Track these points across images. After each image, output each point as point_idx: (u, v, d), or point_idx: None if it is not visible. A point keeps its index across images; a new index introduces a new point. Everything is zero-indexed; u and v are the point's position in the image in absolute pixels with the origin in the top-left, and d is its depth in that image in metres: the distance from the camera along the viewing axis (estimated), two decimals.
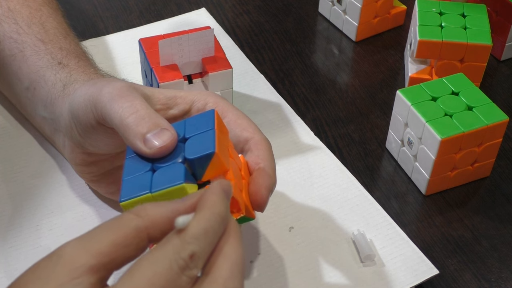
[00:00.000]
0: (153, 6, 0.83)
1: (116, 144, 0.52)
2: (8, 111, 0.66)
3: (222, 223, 0.38)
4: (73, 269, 0.36)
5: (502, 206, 0.63)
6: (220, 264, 0.38)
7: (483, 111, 0.61)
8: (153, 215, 0.38)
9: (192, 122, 0.47)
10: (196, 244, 0.37)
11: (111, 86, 0.49)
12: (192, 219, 0.37)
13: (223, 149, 0.45)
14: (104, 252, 0.36)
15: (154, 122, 0.46)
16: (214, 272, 0.37)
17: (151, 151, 0.45)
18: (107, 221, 0.38)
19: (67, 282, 0.35)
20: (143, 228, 0.38)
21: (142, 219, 0.38)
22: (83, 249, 0.36)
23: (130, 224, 0.38)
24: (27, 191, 0.60)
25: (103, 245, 0.37)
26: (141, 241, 0.38)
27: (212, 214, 0.38)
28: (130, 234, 0.37)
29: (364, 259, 0.56)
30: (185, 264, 0.36)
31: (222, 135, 0.46)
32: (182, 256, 0.36)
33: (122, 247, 0.37)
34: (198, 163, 0.44)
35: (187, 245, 0.36)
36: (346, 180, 0.63)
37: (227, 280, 0.37)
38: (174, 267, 0.36)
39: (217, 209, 0.38)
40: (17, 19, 0.62)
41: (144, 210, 0.38)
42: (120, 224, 0.38)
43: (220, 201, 0.39)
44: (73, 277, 0.36)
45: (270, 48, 0.79)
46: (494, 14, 0.76)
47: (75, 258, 0.36)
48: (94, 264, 0.36)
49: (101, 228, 0.38)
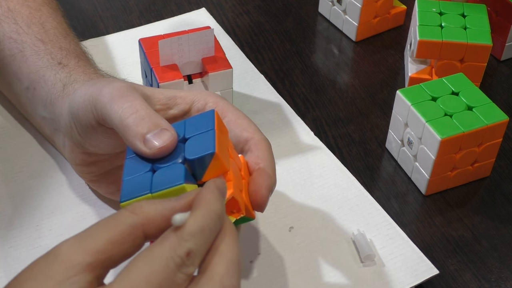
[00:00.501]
0: (153, 6, 0.83)
1: (116, 145, 0.52)
2: (8, 111, 0.66)
3: (218, 221, 0.38)
4: (70, 267, 0.36)
5: (502, 206, 0.63)
6: (217, 262, 0.38)
7: (483, 111, 0.61)
8: (148, 213, 0.38)
9: (192, 122, 0.47)
10: (193, 242, 0.37)
11: (111, 86, 0.49)
12: (189, 217, 0.37)
13: (223, 150, 0.45)
14: (100, 250, 0.37)
15: (154, 122, 0.46)
16: (211, 270, 0.37)
17: (151, 152, 0.45)
18: (103, 219, 0.38)
19: (64, 280, 0.35)
20: (139, 225, 0.38)
21: (138, 216, 0.38)
22: (80, 247, 0.36)
23: (125, 222, 0.38)
24: (27, 191, 0.60)
25: (99, 243, 0.37)
26: (137, 238, 0.38)
27: (208, 212, 0.38)
28: (126, 231, 0.37)
29: (364, 259, 0.56)
30: (182, 262, 0.36)
31: (222, 135, 0.46)
32: (179, 254, 0.36)
33: (118, 245, 0.37)
34: (198, 164, 0.44)
35: (184, 243, 0.36)
36: (346, 180, 0.63)
37: (224, 278, 0.37)
38: (170, 265, 0.36)
39: (213, 207, 0.38)
40: (17, 19, 0.62)
41: (139, 207, 0.38)
42: (116, 221, 0.38)
43: (216, 200, 0.39)
44: (70, 275, 0.36)
45: (270, 48, 0.79)
46: (494, 14, 0.76)
47: (72, 256, 0.36)
48: (91, 262, 0.36)
49: (97, 226, 0.38)
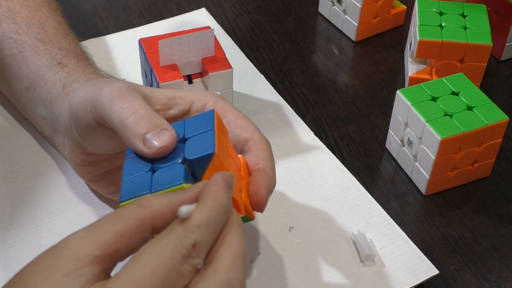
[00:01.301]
0: (153, 6, 0.83)
1: (115, 145, 0.52)
2: (8, 111, 0.66)
3: (224, 213, 0.39)
4: (78, 259, 0.36)
5: (502, 206, 0.63)
6: (223, 254, 0.38)
7: (483, 111, 0.61)
8: (156, 206, 0.38)
9: (191, 122, 0.47)
10: (199, 233, 0.37)
11: (111, 86, 0.49)
12: (195, 209, 0.37)
13: (223, 150, 0.45)
14: (108, 242, 0.37)
15: (153, 122, 0.46)
16: (217, 262, 0.37)
17: (150, 151, 0.45)
18: (110, 213, 0.39)
19: (72, 272, 0.36)
20: (147, 218, 0.38)
21: (146, 209, 0.38)
22: (88, 240, 0.37)
23: (133, 215, 0.38)
24: (27, 191, 0.60)
25: (107, 235, 0.37)
26: (145, 231, 0.38)
27: (214, 204, 0.38)
28: (134, 224, 0.38)
29: (364, 259, 0.56)
30: (188, 253, 0.36)
31: (221, 136, 0.46)
32: (185, 245, 0.36)
33: (126, 238, 0.37)
34: (198, 164, 0.44)
35: (190, 234, 0.37)
36: (346, 180, 0.63)
37: (229, 269, 0.37)
38: (176, 256, 0.36)
39: (219, 199, 0.38)
40: (16, 19, 0.62)
41: (147, 201, 0.39)
42: (124, 215, 0.38)
43: (222, 192, 0.39)
44: (77, 267, 0.36)
45: (270, 48, 0.79)
46: (494, 14, 0.76)
47: (80, 248, 0.36)
48: (99, 254, 0.36)
49: (105, 219, 0.38)
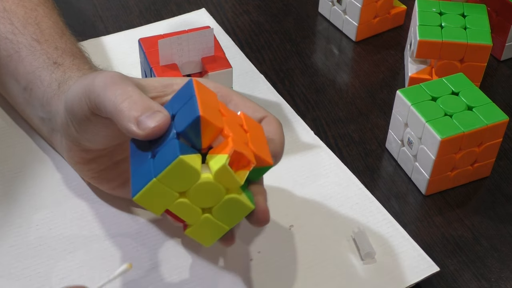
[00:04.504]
0: (153, 6, 0.83)
1: (112, 136, 0.52)
2: (6, 112, 0.66)
3: None
4: None
5: (502, 206, 0.63)
6: None
7: (483, 111, 0.61)
8: None
9: (175, 99, 0.48)
10: None
11: (103, 75, 0.49)
12: None
13: (210, 111, 0.45)
14: None
15: (146, 105, 0.47)
16: None
17: (144, 132, 0.45)
18: None
19: None
20: None
21: None
22: None
23: None
24: (26, 191, 0.60)
25: None
26: None
27: None
28: None
29: (365, 256, 0.56)
30: None
31: (207, 98, 0.46)
32: None
33: None
34: (191, 132, 0.44)
35: None
36: (346, 178, 0.63)
37: None
38: None
39: None
40: (12, 20, 0.62)
41: None
42: None
43: None
44: None
45: (270, 48, 0.79)
46: (494, 14, 0.76)
47: None
48: None
49: None
